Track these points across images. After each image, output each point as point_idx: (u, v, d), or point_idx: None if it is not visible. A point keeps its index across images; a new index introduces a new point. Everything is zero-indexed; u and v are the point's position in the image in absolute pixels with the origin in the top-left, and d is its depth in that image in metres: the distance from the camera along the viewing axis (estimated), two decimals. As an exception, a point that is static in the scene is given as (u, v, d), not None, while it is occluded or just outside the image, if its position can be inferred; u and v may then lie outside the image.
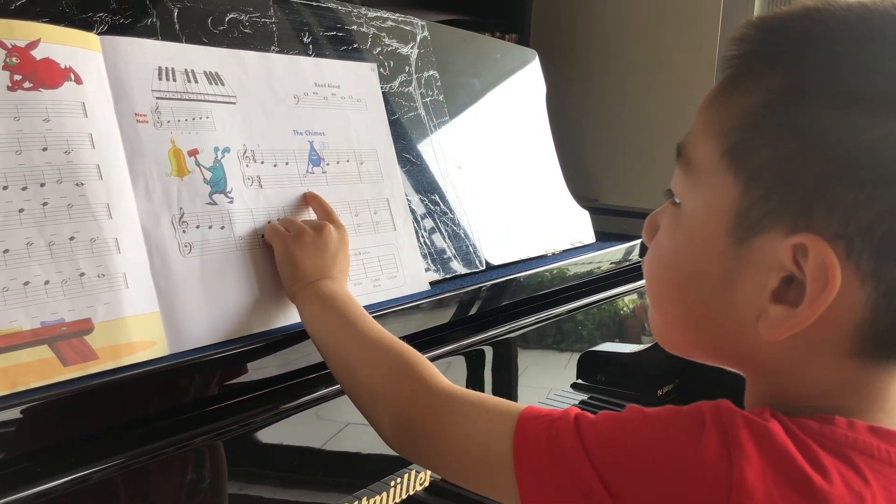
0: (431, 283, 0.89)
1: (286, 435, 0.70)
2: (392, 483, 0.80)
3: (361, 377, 0.63)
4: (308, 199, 0.77)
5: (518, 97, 1.20)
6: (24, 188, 0.56)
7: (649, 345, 1.29)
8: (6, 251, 0.55)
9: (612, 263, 1.15)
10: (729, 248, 0.49)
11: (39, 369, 0.54)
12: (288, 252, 0.70)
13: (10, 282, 0.54)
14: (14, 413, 0.52)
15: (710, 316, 0.52)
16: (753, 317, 0.49)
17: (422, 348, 0.81)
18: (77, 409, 0.56)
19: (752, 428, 0.46)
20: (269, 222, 0.73)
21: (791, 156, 0.46)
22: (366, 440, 0.75)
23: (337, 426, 0.76)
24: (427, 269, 0.88)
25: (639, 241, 1.17)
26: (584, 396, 1.13)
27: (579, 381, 1.13)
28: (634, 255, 1.19)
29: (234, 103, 0.73)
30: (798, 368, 0.49)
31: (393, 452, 0.64)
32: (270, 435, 0.68)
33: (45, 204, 0.57)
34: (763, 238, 0.48)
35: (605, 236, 1.22)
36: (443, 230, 0.94)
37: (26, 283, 0.55)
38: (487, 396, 0.59)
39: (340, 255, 0.73)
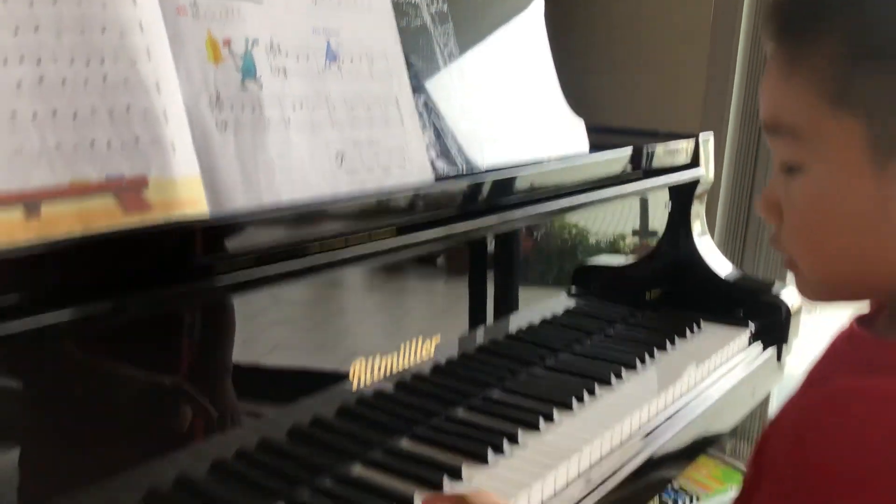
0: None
1: (296, 297, 0.81)
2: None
3: None
4: None
5: (518, 8, 1.27)
6: (88, 63, 0.66)
7: (636, 259, 1.39)
8: (75, 115, 0.64)
9: (604, 168, 1.23)
10: (874, 180, 0.54)
11: (106, 214, 0.64)
12: None
13: (80, 139, 0.64)
14: (76, 251, 0.61)
15: (874, 251, 0.56)
16: None
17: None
18: (130, 251, 0.66)
19: None
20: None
21: None
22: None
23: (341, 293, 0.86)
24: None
25: (629, 148, 1.26)
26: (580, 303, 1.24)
27: (573, 287, 1.24)
28: (625, 160, 1.27)
29: (260, 3, 0.82)
30: None
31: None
32: (285, 293, 0.79)
33: (104, 77, 0.67)
34: None
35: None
36: (443, 132, 1.03)
37: (93, 143, 0.65)
38: None
39: None
